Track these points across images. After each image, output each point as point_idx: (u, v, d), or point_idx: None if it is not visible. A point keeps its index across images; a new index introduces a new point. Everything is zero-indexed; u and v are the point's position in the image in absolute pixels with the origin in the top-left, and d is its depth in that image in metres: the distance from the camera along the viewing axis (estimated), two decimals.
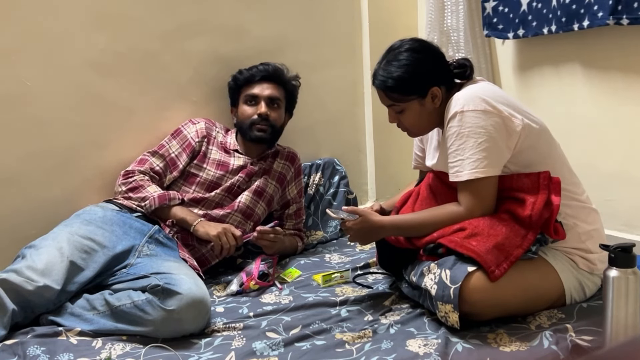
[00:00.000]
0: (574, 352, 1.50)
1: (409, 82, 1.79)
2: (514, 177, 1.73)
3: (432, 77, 1.80)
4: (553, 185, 1.70)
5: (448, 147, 1.74)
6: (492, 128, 1.68)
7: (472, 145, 1.68)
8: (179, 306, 1.68)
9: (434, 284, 1.67)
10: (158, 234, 2.04)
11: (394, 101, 1.83)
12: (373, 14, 2.86)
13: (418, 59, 1.80)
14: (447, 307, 1.63)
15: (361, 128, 2.94)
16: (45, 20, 2.13)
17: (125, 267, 1.90)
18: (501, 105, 1.71)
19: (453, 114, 1.71)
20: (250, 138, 2.30)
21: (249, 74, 2.34)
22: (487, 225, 1.68)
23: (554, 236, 1.70)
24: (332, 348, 1.60)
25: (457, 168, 1.72)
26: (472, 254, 1.63)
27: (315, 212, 2.64)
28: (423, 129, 1.90)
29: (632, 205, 2.24)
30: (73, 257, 1.81)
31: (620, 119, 2.25)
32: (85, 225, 1.94)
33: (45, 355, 1.58)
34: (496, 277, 1.62)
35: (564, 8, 2.23)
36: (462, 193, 1.74)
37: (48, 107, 2.16)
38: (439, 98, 1.81)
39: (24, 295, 1.70)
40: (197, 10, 2.44)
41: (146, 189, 2.13)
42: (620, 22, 2.06)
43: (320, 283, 2.04)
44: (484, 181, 1.70)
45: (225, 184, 2.25)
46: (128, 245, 1.94)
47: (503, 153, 1.71)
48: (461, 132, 1.70)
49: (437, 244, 1.73)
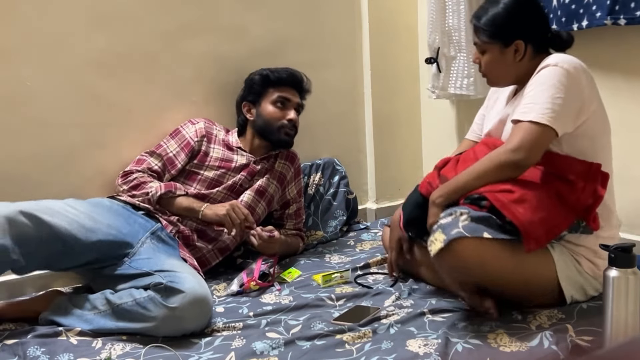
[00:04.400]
0: (574, 352, 1.50)
1: (497, 25, 1.80)
2: (568, 159, 1.72)
3: (523, 30, 1.80)
4: (602, 178, 1.71)
5: (527, 92, 1.73)
6: (576, 91, 1.69)
7: (550, 95, 1.68)
8: (181, 304, 1.67)
9: (449, 217, 1.66)
10: (161, 231, 2.04)
11: (479, 40, 1.85)
12: (373, 14, 2.86)
13: (516, 8, 1.80)
14: (440, 237, 1.62)
15: (361, 128, 2.94)
16: (45, 20, 2.14)
17: (127, 256, 1.89)
18: (591, 80, 1.73)
19: (546, 64, 1.72)
20: (277, 140, 2.31)
21: (280, 76, 2.34)
22: (536, 197, 1.66)
23: (592, 224, 1.69)
24: (332, 348, 1.60)
25: (526, 109, 1.70)
26: (516, 220, 1.62)
27: (315, 212, 2.64)
28: (498, 79, 1.90)
29: (632, 205, 2.24)
30: (79, 219, 1.84)
31: (620, 119, 2.24)
32: (92, 206, 1.95)
33: (45, 356, 1.58)
34: (531, 249, 1.62)
35: (564, 8, 2.23)
36: (517, 131, 1.70)
37: (48, 107, 2.16)
38: (520, 53, 1.81)
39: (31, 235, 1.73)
40: (197, 10, 2.44)
41: (149, 185, 2.13)
42: (617, 23, 2.07)
43: (320, 283, 2.04)
44: (543, 129, 1.67)
45: (228, 182, 2.25)
46: (132, 234, 1.94)
47: (570, 119, 1.71)
48: (545, 82, 1.69)
49: (481, 195, 1.70)
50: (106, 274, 1.87)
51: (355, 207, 2.74)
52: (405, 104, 3.01)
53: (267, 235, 2.14)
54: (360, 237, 2.60)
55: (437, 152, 3.02)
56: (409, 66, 3.00)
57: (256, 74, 2.38)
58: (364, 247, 2.48)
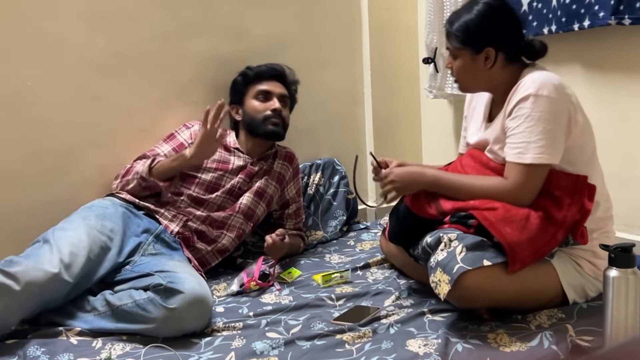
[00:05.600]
0: (574, 352, 1.50)
1: (468, 32, 1.79)
2: (553, 173, 1.72)
3: (494, 38, 1.79)
4: (588, 191, 1.70)
5: (514, 126, 1.71)
6: (563, 118, 1.69)
7: (541, 130, 1.67)
8: (181, 304, 1.67)
9: (446, 252, 1.66)
10: (164, 233, 2.04)
11: (451, 45, 1.84)
12: (373, 14, 2.86)
13: (488, 15, 1.79)
14: (444, 277, 1.62)
15: (361, 128, 2.94)
16: (45, 20, 2.13)
17: (129, 264, 1.89)
18: (572, 97, 1.72)
19: (527, 95, 1.69)
20: (264, 132, 2.29)
21: (258, 71, 2.35)
22: (524, 215, 1.66)
23: (580, 240, 1.69)
24: (332, 348, 1.60)
25: (520, 149, 1.69)
26: (503, 241, 1.63)
27: (315, 212, 2.64)
28: (469, 85, 1.89)
29: (632, 205, 2.24)
30: (91, 254, 1.80)
31: (621, 119, 2.25)
32: (100, 220, 1.93)
33: (45, 356, 1.58)
34: (515, 270, 1.63)
35: (564, 8, 2.23)
36: (515, 173, 1.70)
37: (48, 107, 2.16)
38: (491, 60, 1.79)
39: (47, 287, 1.68)
40: (197, 10, 2.44)
41: (134, 168, 2.13)
42: (622, 22, 2.06)
43: (320, 283, 2.04)
44: (542, 168, 1.69)
45: (226, 186, 2.25)
46: (135, 244, 1.95)
47: (563, 143, 1.71)
48: (532, 115, 1.68)
49: (469, 214, 1.70)
50: (107, 280, 1.88)
51: (355, 207, 2.74)
52: (405, 104, 3.01)
53: (280, 239, 2.14)
54: (360, 237, 2.60)
55: (436, 152, 3.03)
56: (409, 66, 3.00)
57: (238, 75, 2.39)
58: (364, 247, 2.48)
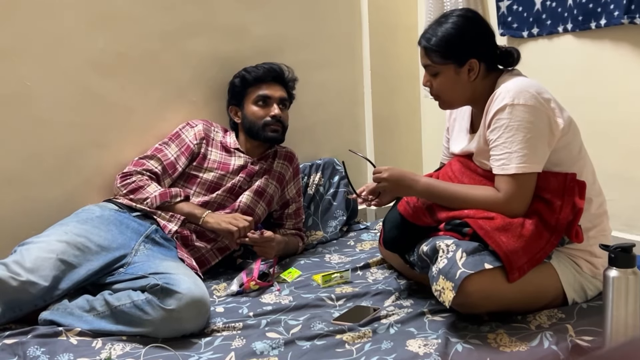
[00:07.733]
0: (574, 352, 1.50)
1: (449, 45, 1.77)
2: (541, 175, 1.71)
3: (475, 48, 1.79)
4: (579, 188, 1.70)
5: (494, 138, 1.71)
6: (542, 124, 1.67)
7: (521, 140, 1.67)
8: (178, 305, 1.67)
9: (445, 258, 1.65)
10: (155, 234, 2.04)
11: (431, 61, 1.81)
12: (373, 14, 2.86)
13: (466, 26, 1.79)
14: (447, 285, 1.62)
15: (361, 128, 2.94)
16: (45, 20, 2.13)
17: (122, 267, 1.89)
18: (550, 102, 1.70)
19: (503, 105, 1.68)
20: (264, 138, 2.30)
21: (258, 74, 2.33)
22: (518, 224, 1.66)
23: (575, 239, 1.69)
24: (332, 348, 1.60)
25: (503, 161, 1.69)
26: (499, 250, 1.63)
27: (315, 212, 2.64)
28: (453, 101, 1.87)
29: (632, 205, 2.24)
30: (64, 255, 1.80)
31: (621, 118, 2.25)
32: (80, 224, 1.94)
33: (45, 356, 1.58)
34: (514, 279, 1.63)
35: (580, 7, 2.26)
36: (504, 185, 1.70)
37: (48, 107, 2.16)
38: (475, 72, 1.79)
39: (8, 291, 1.70)
40: (197, 10, 2.44)
41: (146, 190, 2.12)
42: (634, 22, 2.08)
43: (320, 283, 2.04)
44: (528, 176, 1.68)
45: (227, 185, 2.25)
46: (124, 245, 1.94)
47: (546, 150, 1.70)
48: (510, 125, 1.67)
49: (464, 222, 1.71)
50: (102, 282, 1.87)
51: (355, 207, 2.74)
52: (405, 104, 3.01)
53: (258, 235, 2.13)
54: (360, 237, 2.60)
55: (436, 152, 3.01)
56: (409, 66, 3.00)
57: (236, 77, 2.38)
58: (364, 247, 2.48)
